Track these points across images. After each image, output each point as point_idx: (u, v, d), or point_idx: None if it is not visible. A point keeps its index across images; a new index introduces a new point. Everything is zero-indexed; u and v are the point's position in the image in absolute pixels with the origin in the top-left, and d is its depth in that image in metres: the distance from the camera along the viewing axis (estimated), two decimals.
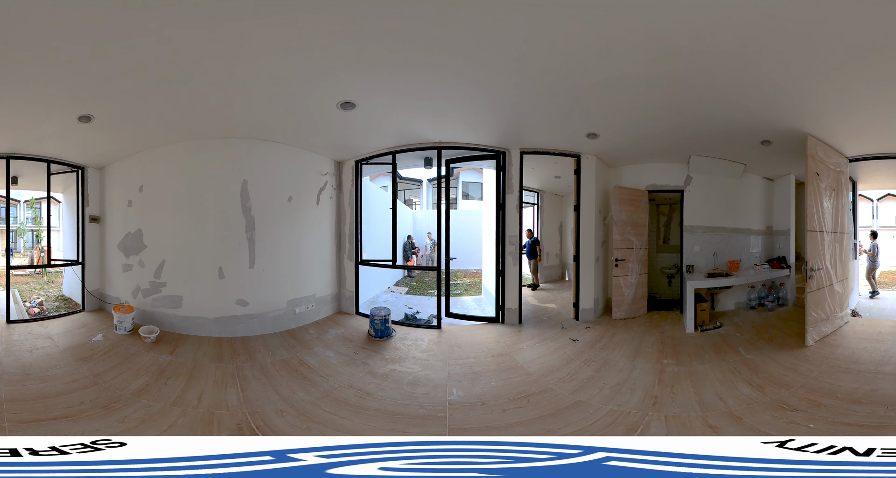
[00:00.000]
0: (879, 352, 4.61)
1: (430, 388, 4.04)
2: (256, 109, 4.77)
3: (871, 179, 7.43)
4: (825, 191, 5.25)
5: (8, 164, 5.65)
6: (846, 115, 4.57)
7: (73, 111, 4.52)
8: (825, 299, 5.17)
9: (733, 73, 3.77)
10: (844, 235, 5.79)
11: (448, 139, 5.72)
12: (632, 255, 6.51)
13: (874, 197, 16.14)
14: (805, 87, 3.97)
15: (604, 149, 6.13)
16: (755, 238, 7.24)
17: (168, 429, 3.23)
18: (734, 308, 6.77)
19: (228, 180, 5.50)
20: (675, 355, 4.78)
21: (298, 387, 4.04)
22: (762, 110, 4.54)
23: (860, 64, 3.50)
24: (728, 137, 5.40)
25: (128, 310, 5.41)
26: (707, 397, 3.74)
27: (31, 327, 5.47)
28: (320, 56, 3.63)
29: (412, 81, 4.12)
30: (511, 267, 6.10)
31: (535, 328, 5.88)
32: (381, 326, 5.41)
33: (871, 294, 8.02)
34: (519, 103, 4.69)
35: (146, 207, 5.78)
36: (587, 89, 4.20)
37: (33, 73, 3.70)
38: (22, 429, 3.09)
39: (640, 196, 6.65)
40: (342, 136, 5.66)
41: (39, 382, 3.90)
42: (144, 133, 5.30)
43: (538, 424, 3.40)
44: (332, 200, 6.57)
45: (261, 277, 5.64)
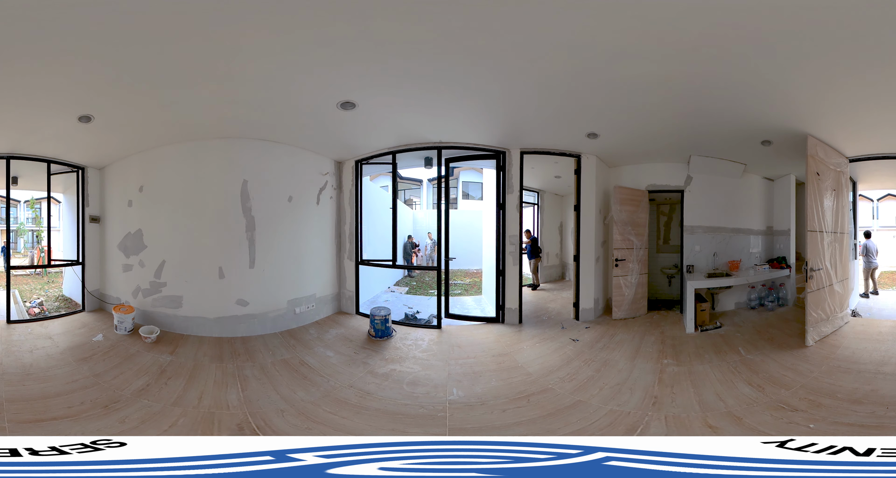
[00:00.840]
0: (879, 352, 4.61)
1: (430, 388, 4.04)
2: (257, 110, 4.76)
3: (871, 179, 7.43)
4: (825, 191, 5.25)
5: (8, 164, 5.65)
6: (846, 116, 4.57)
7: (74, 111, 4.52)
8: (825, 299, 5.17)
9: (734, 74, 3.77)
10: (844, 235, 5.79)
11: (448, 139, 5.73)
12: (632, 255, 6.51)
13: (874, 197, 16.12)
14: (805, 88, 3.97)
15: (604, 149, 6.13)
16: (755, 238, 7.24)
17: (168, 429, 3.23)
18: (734, 308, 6.77)
19: (229, 180, 5.51)
20: (675, 355, 4.78)
21: (299, 387, 4.05)
22: (762, 110, 4.54)
23: (860, 64, 3.50)
24: (728, 137, 5.40)
25: (128, 310, 5.41)
26: (707, 397, 3.75)
27: (32, 327, 5.47)
28: (320, 56, 3.63)
29: (412, 81, 4.12)
30: (511, 267, 6.10)
31: (536, 328, 5.88)
32: (381, 325, 5.41)
33: (861, 294, 7.83)
34: (519, 103, 4.68)
35: (146, 208, 5.78)
36: (588, 89, 4.20)
37: (34, 74, 3.70)
38: (22, 429, 3.09)
39: (640, 196, 6.65)
40: (342, 136, 5.66)
41: (40, 382, 3.90)
42: (145, 133, 5.30)
43: (538, 424, 3.40)
44: (333, 199, 6.57)
45: (261, 277, 5.64)
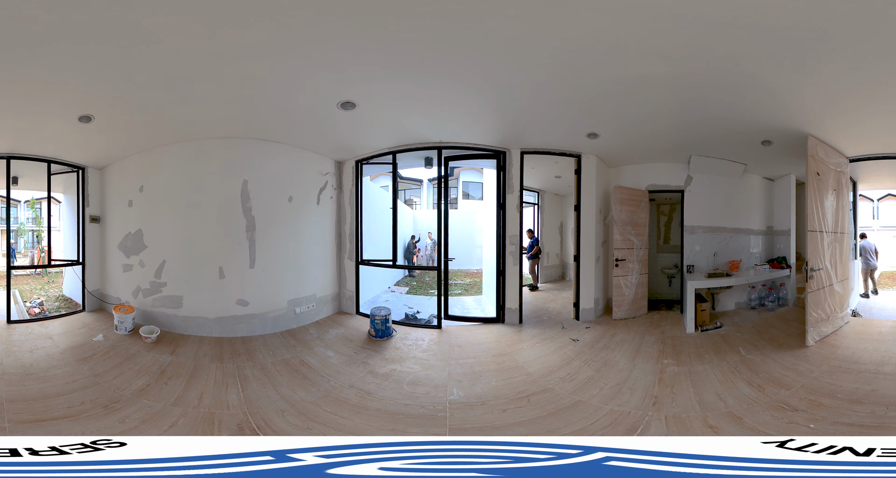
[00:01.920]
0: (880, 352, 4.60)
1: (430, 388, 4.04)
2: (257, 109, 4.77)
3: (871, 179, 7.43)
4: (826, 191, 5.25)
5: (8, 164, 5.65)
6: (847, 116, 4.56)
7: (74, 111, 4.52)
8: (825, 299, 5.17)
9: (734, 74, 3.77)
10: (845, 235, 5.79)
11: (448, 139, 5.73)
12: (632, 255, 6.51)
13: (874, 197, 16.11)
14: (806, 88, 3.97)
15: (604, 149, 6.13)
16: (755, 238, 7.24)
17: (169, 429, 3.23)
18: (734, 308, 6.77)
19: (229, 180, 5.51)
20: (676, 355, 4.78)
21: (299, 387, 4.05)
22: (763, 110, 4.53)
23: (861, 64, 3.50)
24: (728, 137, 5.40)
25: (128, 310, 5.41)
26: (707, 397, 3.74)
27: (32, 327, 5.47)
28: (321, 56, 3.63)
29: (412, 81, 4.12)
30: (511, 267, 6.10)
31: (536, 328, 5.88)
32: (381, 325, 5.41)
33: (861, 295, 7.83)
34: (520, 103, 4.69)
35: (146, 207, 5.78)
36: (588, 89, 4.19)
37: (34, 74, 3.70)
38: (23, 429, 3.09)
39: (640, 196, 6.65)
40: (342, 136, 5.66)
41: (40, 382, 3.90)
42: (145, 133, 5.30)
43: (538, 424, 3.40)
44: (333, 199, 6.57)
45: (261, 277, 5.64)
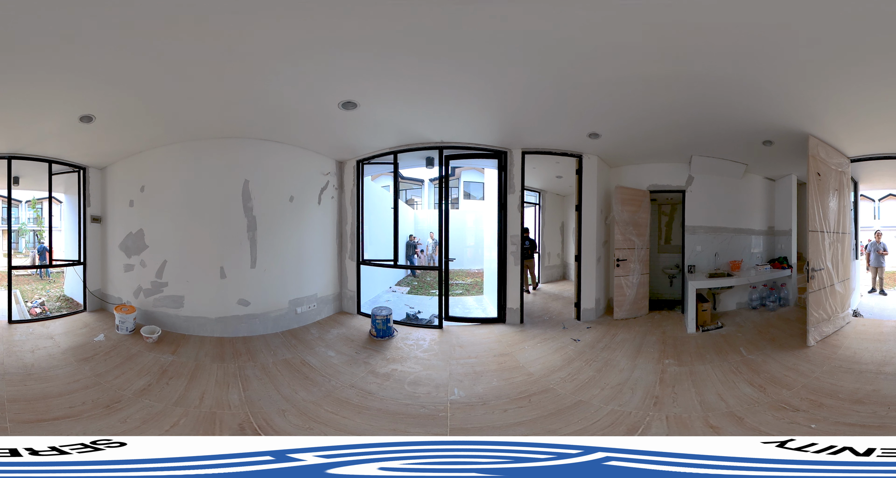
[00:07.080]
0: (881, 352, 4.60)
1: (431, 388, 4.04)
2: (258, 109, 4.77)
3: (872, 179, 7.41)
4: (827, 191, 5.24)
5: (9, 164, 5.65)
6: (848, 116, 4.55)
7: (75, 111, 4.52)
8: (826, 300, 5.16)
9: (735, 74, 3.76)
10: (846, 235, 5.78)
11: (449, 139, 5.72)
12: (633, 255, 6.50)
13: (876, 197, 16.08)
14: (807, 88, 3.96)
15: (605, 149, 6.13)
16: (757, 238, 7.23)
17: (170, 429, 3.24)
18: (735, 308, 6.76)
19: (230, 180, 5.51)
20: (677, 355, 4.78)
21: (300, 387, 4.05)
22: (764, 111, 4.53)
23: (862, 64, 3.49)
24: (729, 137, 5.39)
25: (129, 310, 5.41)
26: (708, 398, 3.74)
27: (33, 327, 5.48)
28: (321, 56, 3.63)
29: (414, 81, 4.12)
30: (512, 267, 6.10)
31: (537, 328, 5.87)
32: (382, 325, 5.40)
33: (869, 290, 8.27)
34: (521, 103, 4.68)
35: (148, 207, 5.79)
36: (589, 89, 4.19)
37: (34, 73, 3.71)
38: (24, 429, 3.09)
39: (641, 196, 6.64)
40: (344, 136, 5.66)
41: (41, 382, 3.90)
42: (146, 133, 5.30)
43: (539, 424, 3.40)
44: (334, 199, 6.58)
45: (262, 277, 5.64)
